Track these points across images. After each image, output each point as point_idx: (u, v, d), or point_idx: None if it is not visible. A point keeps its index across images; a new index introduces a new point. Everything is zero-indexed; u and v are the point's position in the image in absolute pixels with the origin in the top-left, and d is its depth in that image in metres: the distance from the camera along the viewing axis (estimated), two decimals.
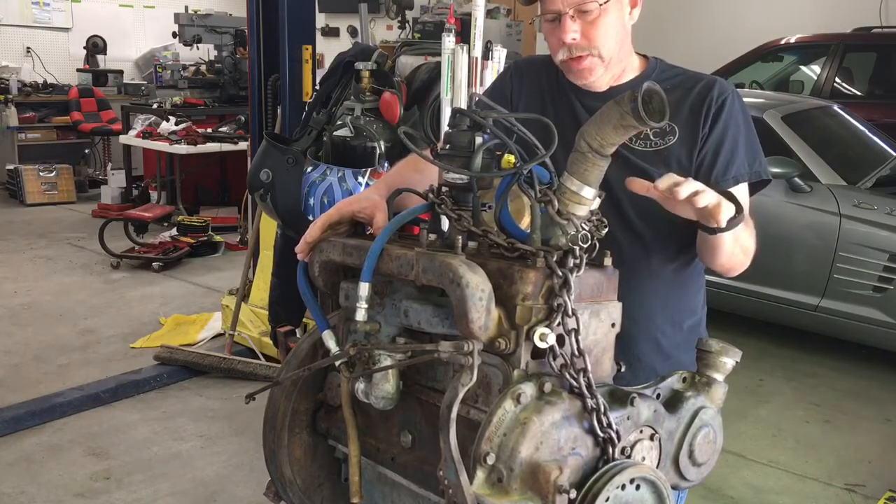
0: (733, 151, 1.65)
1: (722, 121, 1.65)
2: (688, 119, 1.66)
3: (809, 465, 3.73)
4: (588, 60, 1.63)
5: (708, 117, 1.65)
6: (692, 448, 1.28)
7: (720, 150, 1.65)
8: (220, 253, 6.90)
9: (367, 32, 5.19)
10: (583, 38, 1.60)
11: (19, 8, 10.50)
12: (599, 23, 1.60)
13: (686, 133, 1.66)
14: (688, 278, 1.78)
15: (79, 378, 4.32)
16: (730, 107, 1.66)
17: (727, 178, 1.64)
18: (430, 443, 1.24)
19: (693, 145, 1.66)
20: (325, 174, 3.38)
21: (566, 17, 1.59)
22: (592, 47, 1.62)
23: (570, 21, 1.59)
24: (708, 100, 1.66)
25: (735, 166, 1.65)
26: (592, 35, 1.60)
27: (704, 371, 1.32)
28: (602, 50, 1.62)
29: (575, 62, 1.64)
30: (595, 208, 1.24)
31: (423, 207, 1.32)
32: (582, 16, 1.59)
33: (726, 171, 1.64)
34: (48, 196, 8.96)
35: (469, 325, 1.10)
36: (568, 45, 1.62)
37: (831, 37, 7.50)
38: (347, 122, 3.56)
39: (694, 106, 1.66)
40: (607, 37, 1.62)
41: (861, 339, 4.78)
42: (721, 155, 1.65)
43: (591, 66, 1.64)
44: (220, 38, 8.91)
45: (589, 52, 1.62)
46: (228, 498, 3.34)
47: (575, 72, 1.66)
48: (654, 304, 1.72)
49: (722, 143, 1.65)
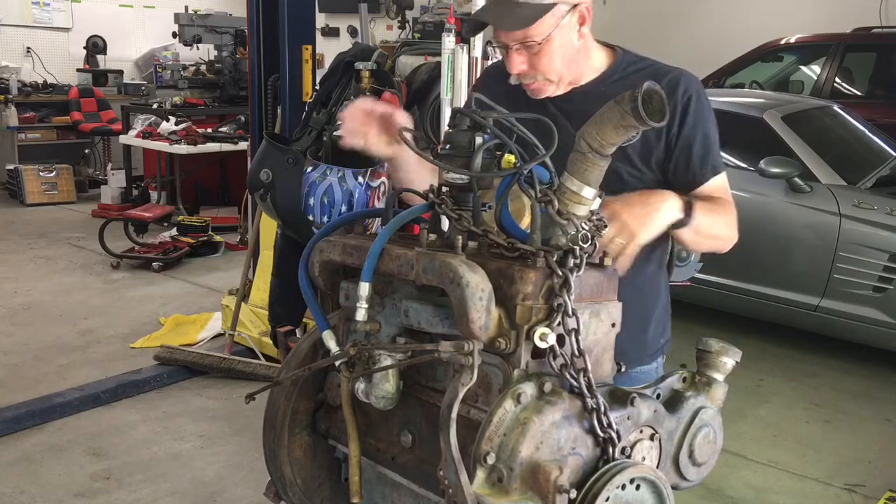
0: (706, 146, 1.73)
1: (691, 117, 1.71)
2: None
3: (809, 465, 3.73)
4: (537, 84, 1.72)
5: (675, 115, 1.70)
6: (692, 448, 1.28)
7: (693, 147, 1.72)
8: (220, 253, 6.89)
9: (367, 32, 5.19)
10: (529, 67, 1.68)
11: (19, 8, 10.49)
12: (543, 53, 1.66)
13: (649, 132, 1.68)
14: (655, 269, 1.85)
15: (79, 378, 4.32)
16: (696, 102, 1.72)
17: (704, 171, 1.73)
18: (430, 443, 1.24)
19: (657, 142, 1.72)
20: (325, 174, 3.37)
21: (512, 50, 1.67)
22: (539, 73, 1.70)
23: (515, 54, 1.67)
24: (675, 97, 1.70)
25: (710, 159, 1.73)
26: (538, 64, 1.68)
27: (704, 371, 1.32)
28: (549, 75, 1.70)
29: (526, 85, 1.73)
30: (595, 208, 1.24)
31: (423, 207, 1.32)
32: (527, 48, 1.66)
33: (703, 165, 1.72)
34: (48, 196, 8.96)
35: (469, 325, 1.10)
36: (517, 74, 1.70)
37: (831, 37, 7.50)
38: None
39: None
40: (552, 63, 1.68)
41: (861, 339, 4.77)
42: (695, 151, 1.72)
43: (542, 87, 1.73)
44: (220, 38, 8.91)
45: (535, 80, 1.71)
46: (228, 498, 3.34)
47: (529, 91, 1.75)
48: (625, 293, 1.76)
49: (694, 139, 1.71)
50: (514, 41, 1.65)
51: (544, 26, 1.62)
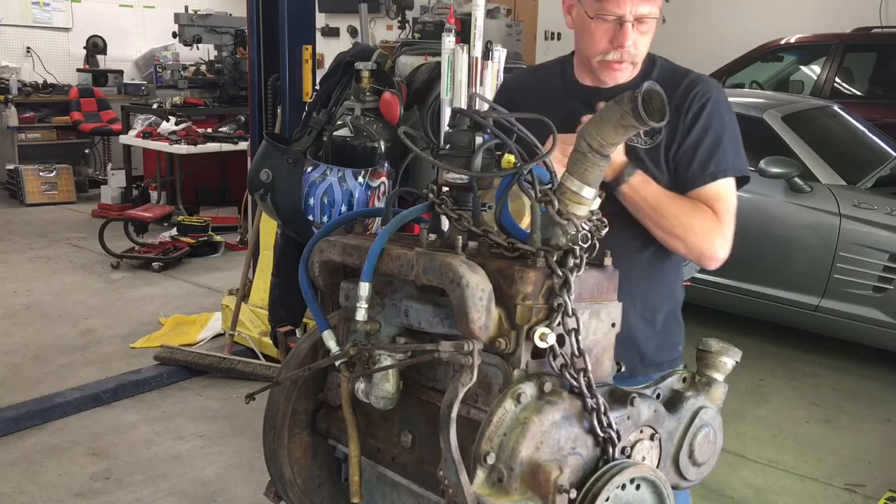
0: (713, 148, 1.70)
1: (703, 118, 1.70)
2: (673, 118, 1.69)
3: (809, 465, 3.73)
4: (626, 65, 1.70)
5: (688, 114, 1.70)
6: (692, 448, 1.28)
7: (699, 147, 1.69)
8: (220, 253, 6.89)
9: (367, 32, 5.19)
10: (633, 45, 1.67)
11: (19, 8, 10.49)
12: (648, 33, 1.67)
13: (668, 130, 1.70)
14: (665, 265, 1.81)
15: (79, 378, 4.32)
16: (713, 104, 1.70)
17: (705, 174, 1.69)
18: (430, 443, 1.24)
19: (671, 142, 1.71)
20: (325, 174, 3.38)
21: (628, 24, 1.64)
22: (636, 55, 1.69)
23: (629, 28, 1.64)
24: (690, 97, 1.71)
25: (714, 162, 1.69)
26: (641, 45, 1.68)
27: (704, 371, 1.32)
28: (639, 58, 1.71)
29: (617, 63, 1.69)
30: (595, 208, 1.24)
31: (424, 207, 1.32)
32: (639, 24, 1.64)
33: (704, 168, 1.69)
34: (48, 196, 8.96)
35: (469, 325, 1.10)
36: (622, 50, 1.67)
37: (831, 37, 7.50)
38: (347, 122, 3.56)
39: (677, 104, 1.71)
40: (647, 45, 1.70)
41: (861, 339, 4.77)
42: (700, 152, 1.69)
43: (626, 70, 1.72)
44: (220, 38, 8.91)
45: (631, 60, 1.69)
46: (228, 498, 3.34)
47: (612, 73, 1.71)
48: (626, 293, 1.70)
49: (702, 140, 1.69)
50: (635, 15, 1.63)
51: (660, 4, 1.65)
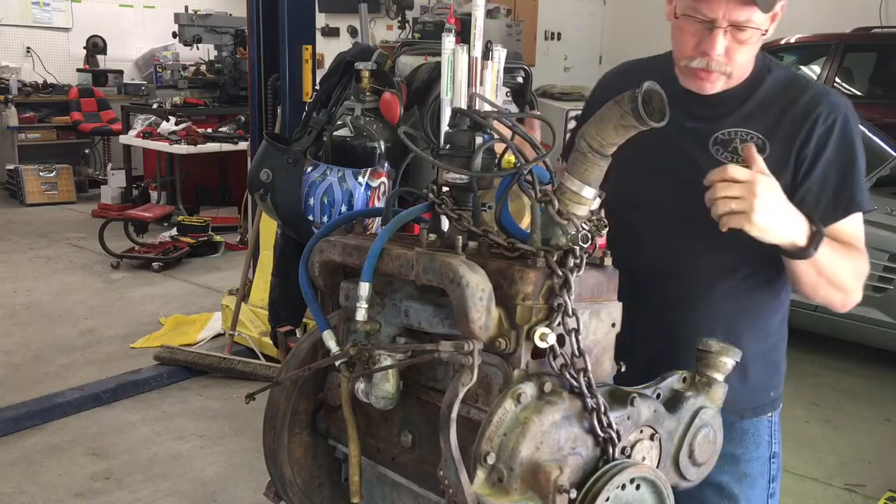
0: (845, 180, 1.51)
1: (830, 147, 1.51)
2: (786, 135, 1.53)
3: (809, 465, 3.73)
4: (716, 76, 1.52)
5: (810, 141, 1.51)
6: (692, 448, 1.28)
7: (828, 181, 1.50)
8: (220, 253, 6.90)
9: (367, 32, 5.19)
10: (725, 54, 1.49)
11: (19, 8, 10.49)
12: (747, 44, 1.49)
13: (779, 151, 1.51)
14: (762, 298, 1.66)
15: (79, 378, 4.32)
16: (842, 128, 1.51)
17: (837, 210, 1.51)
18: (430, 443, 1.24)
19: (783, 165, 1.50)
20: (325, 174, 3.37)
21: (719, 30, 1.46)
22: (728, 66, 1.51)
23: (721, 34, 1.47)
24: (812, 118, 1.51)
25: (847, 196, 1.52)
26: (735, 56, 1.50)
27: (704, 371, 1.32)
28: (735, 69, 1.52)
29: (703, 73, 1.52)
30: (595, 208, 1.23)
31: (424, 207, 1.32)
32: (737, 32, 1.47)
33: (836, 202, 1.51)
34: (48, 196, 8.96)
35: (469, 325, 1.10)
36: (709, 58, 1.50)
37: (831, 37, 7.50)
38: (347, 122, 3.55)
39: (795, 121, 1.53)
40: (746, 60, 1.53)
41: (861, 339, 4.77)
42: (830, 184, 1.51)
43: (716, 82, 1.53)
44: (220, 38, 8.91)
45: (723, 71, 1.52)
46: (228, 498, 3.34)
47: (697, 82, 1.54)
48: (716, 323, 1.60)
49: (829, 172, 1.50)
50: (729, 21, 1.45)
51: (769, 17, 1.47)
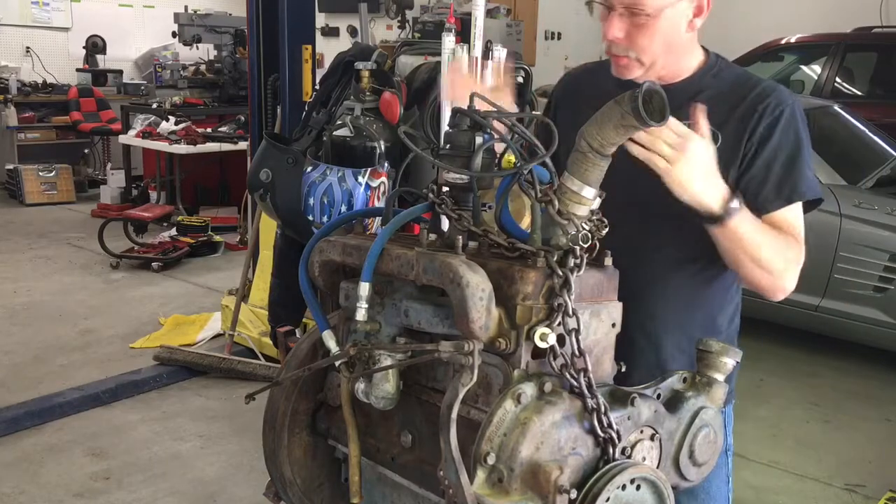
0: (788, 168, 1.54)
1: (777, 134, 1.53)
2: (735, 129, 1.56)
3: (809, 465, 3.73)
4: (625, 61, 1.56)
5: (756, 130, 1.54)
6: (692, 448, 1.28)
7: (772, 167, 1.54)
8: (219, 253, 6.89)
9: (367, 32, 5.19)
10: (625, 38, 1.52)
11: (19, 8, 10.48)
12: (647, 28, 1.50)
13: (728, 143, 1.53)
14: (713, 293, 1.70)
15: (79, 378, 4.31)
16: (788, 119, 1.54)
17: (780, 197, 1.54)
18: (430, 443, 1.24)
19: (733, 158, 1.54)
20: (325, 174, 3.37)
21: (615, 13, 1.51)
22: (631, 50, 1.54)
23: (616, 19, 1.51)
24: (759, 111, 1.55)
25: (790, 185, 1.54)
26: (637, 39, 1.52)
27: (705, 371, 1.32)
28: (643, 55, 1.54)
29: (615, 58, 1.57)
30: (595, 208, 1.23)
31: (424, 207, 1.31)
32: (632, 17, 1.50)
33: (779, 190, 1.54)
34: (48, 196, 8.96)
35: (469, 325, 1.10)
36: (609, 42, 1.54)
37: (832, 36, 7.50)
38: (347, 122, 3.55)
39: (744, 115, 1.56)
40: (651, 43, 1.52)
41: (861, 339, 4.77)
42: (773, 172, 1.54)
43: (630, 66, 1.56)
44: (219, 37, 8.91)
45: (626, 54, 1.55)
46: (228, 498, 3.33)
47: (615, 67, 1.59)
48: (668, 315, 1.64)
49: (773, 161, 1.54)
50: (621, 3, 1.49)
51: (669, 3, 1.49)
